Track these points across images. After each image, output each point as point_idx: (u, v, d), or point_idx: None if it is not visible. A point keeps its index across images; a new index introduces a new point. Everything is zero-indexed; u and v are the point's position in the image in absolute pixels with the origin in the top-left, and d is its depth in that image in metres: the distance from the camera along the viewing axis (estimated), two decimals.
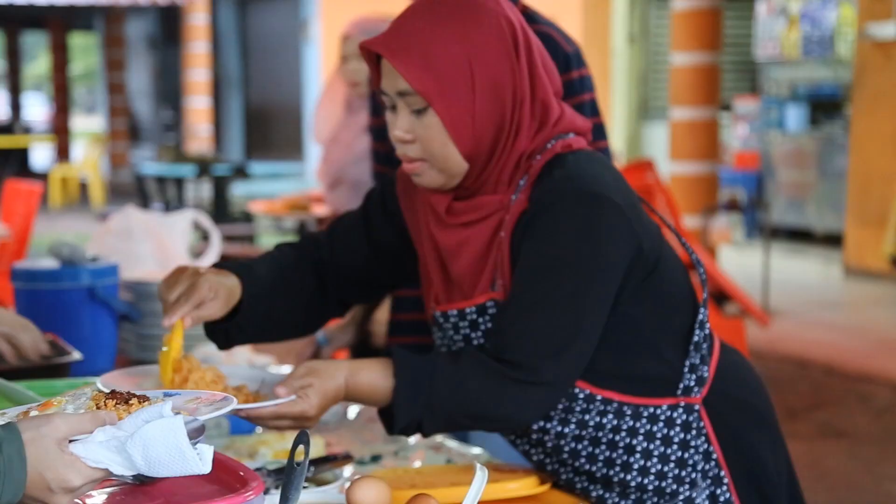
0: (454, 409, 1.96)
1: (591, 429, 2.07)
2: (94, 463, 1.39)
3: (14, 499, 1.33)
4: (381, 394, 1.97)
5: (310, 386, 1.95)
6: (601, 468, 2.08)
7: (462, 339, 2.06)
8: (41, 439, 1.35)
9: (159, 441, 1.41)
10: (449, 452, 2.48)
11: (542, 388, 1.96)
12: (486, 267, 2.02)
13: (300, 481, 1.58)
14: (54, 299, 3.07)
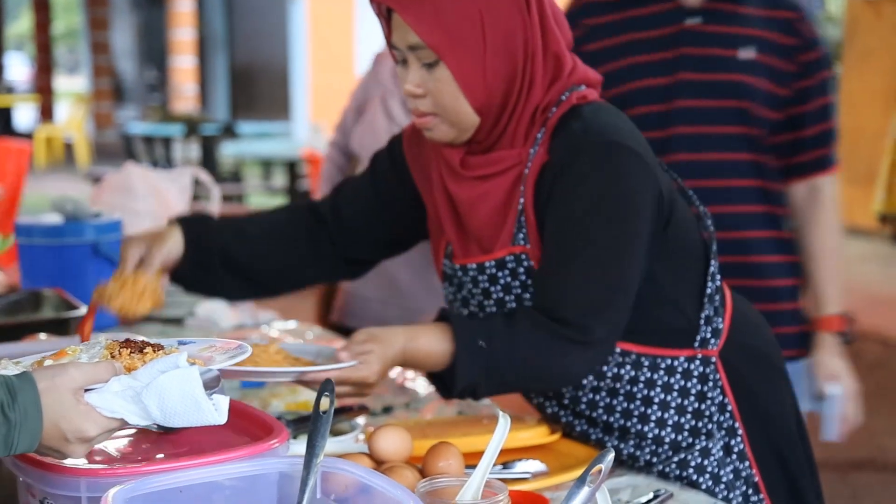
0: (511, 370, 1.96)
1: (609, 380, 2.08)
2: (109, 413, 1.39)
3: (30, 448, 1.33)
4: (439, 358, 1.96)
5: (370, 352, 1.95)
6: (618, 419, 2.10)
7: (481, 292, 2.06)
8: (56, 389, 1.35)
9: (175, 391, 1.41)
10: (460, 405, 2.49)
11: (595, 347, 1.97)
12: (507, 221, 2.02)
13: (326, 429, 1.58)
14: (58, 255, 3.07)
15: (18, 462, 1.57)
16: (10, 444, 1.30)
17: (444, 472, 1.76)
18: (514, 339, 1.94)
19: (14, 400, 1.30)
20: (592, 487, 1.38)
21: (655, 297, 2.04)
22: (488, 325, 1.96)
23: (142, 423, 1.41)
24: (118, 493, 1.43)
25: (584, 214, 1.94)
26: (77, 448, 1.37)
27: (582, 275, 1.94)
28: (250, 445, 1.62)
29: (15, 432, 1.30)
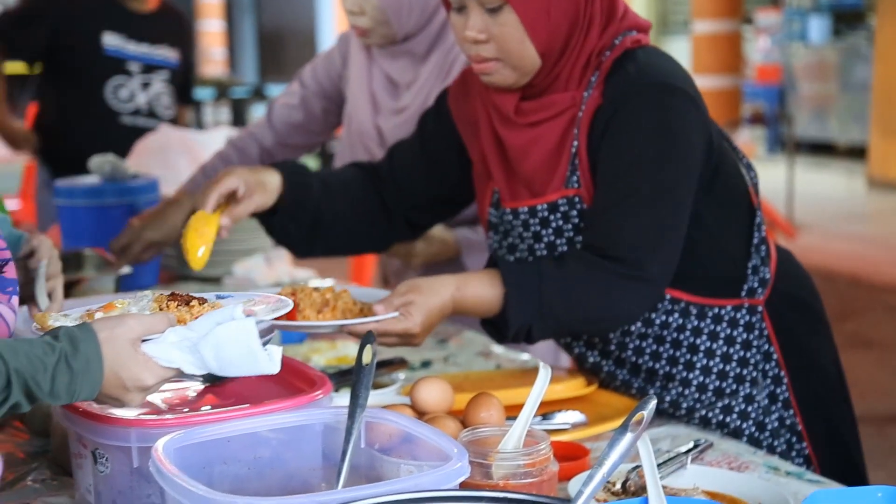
0: (565, 310, 1.95)
1: (656, 327, 2.09)
2: (166, 362, 1.42)
3: (90, 396, 1.36)
4: (490, 303, 1.96)
5: (411, 303, 1.94)
6: (663, 366, 2.11)
7: (531, 236, 2.07)
8: (116, 339, 1.38)
9: (231, 342, 1.43)
10: (498, 358, 2.51)
11: (649, 284, 1.96)
12: (559, 164, 2.03)
13: (369, 380, 1.60)
14: (97, 216, 3.10)
15: (70, 414, 1.60)
16: (72, 392, 1.33)
17: (485, 422, 1.78)
18: (566, 279, 1.94)
19: (76, 350, 1.33)
20: (634, 434, 1.39)
21: (705, 245, 2.04)
22: (539, 266, 1.97)
23: (197, 372, 1.44)
24: (168, 443, 1.46)
25: (636, 154, 1.94)
26: (135, 396, 1.40)
27: (634, 212, 1.94)
28: (295, 397, 1.64)
29: (77, 381, 1.33)
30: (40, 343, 1.32)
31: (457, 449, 1.46)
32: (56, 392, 1.31)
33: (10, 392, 1.27)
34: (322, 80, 3.03)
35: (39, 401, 1.31)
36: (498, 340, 2.02)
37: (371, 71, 2.89)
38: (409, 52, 2.79)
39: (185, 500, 1.33)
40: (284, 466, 1.61)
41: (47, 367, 1.30)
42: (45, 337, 1.34)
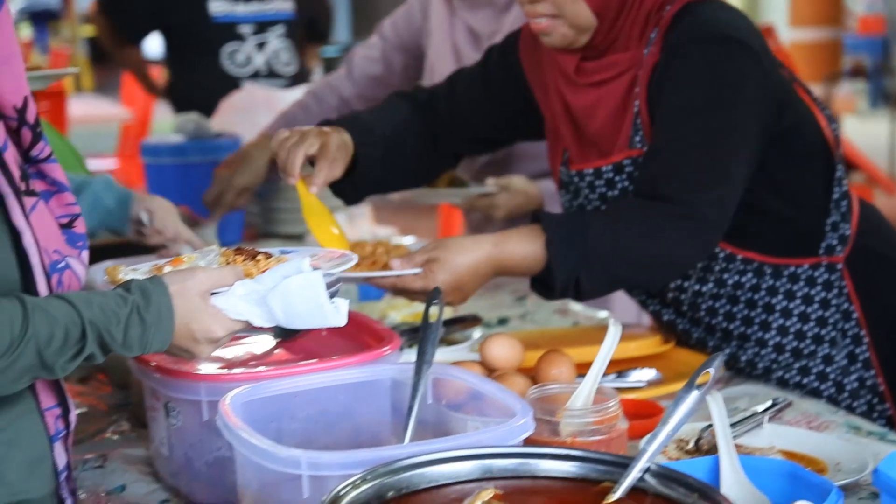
0: (613, 257, 1.87)
1: (729, 287, 2.05)
2: (235, 315, 1.43)
3: (162, 348, 1.38)
4: (534, 259, 1.88)
5: (435, 261, 1.89)
6: (738, 326, 2.07)
7: (598, 198, 2.04)
8: (186, 292, 1.39)
9: (299, 295, 1.44)
10: (576, 316, 2.49)
11: (701, 225, 1.89)
12: (623, 125, 1.99)
13: (436, 336, 1.60)
14: (181, 173, 3.14)
15: (143, 368, 1.63)
16: (145, 344, 1.35)
17: (555, 379, 1.77)
18: (612, 224, 1.87)
19: (148, 302, 1.35)
20: (700, 392, 1.36)
21: (777, 203, 1.99)
22: (582, 215, 1.92)
23: (265, 325, 1.45)
24: (235, 397, 1.47)
25: (688, 101, 1.89)
26: (205, 348, 1.42)
27: (685, 154, 1.88)
28: (363, 352, 1.65)
29: (149, 333, 1.35)
30: (113, 295, 1.34)
31: (521, 406, 1.45)
32: (129, 343, 1.33)
33: (86, 343, 1.29)
34: (402, 34, 3.03)
35: (113, 352, 1.33)
36: (547, 297, 1.94)
37: (453, 23, 2.87)
38: (490, 3, 2.77)
39: (250, 454, 1.35)
40: (353, 421, 1.61)
41: (120, 318, 1.32)
42: (118, 289, 1.35)
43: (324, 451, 1.33)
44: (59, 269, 1.37)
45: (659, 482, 1.27)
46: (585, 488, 1.30)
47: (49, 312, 1.27)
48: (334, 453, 1.32)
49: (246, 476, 1.40)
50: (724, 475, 1.52)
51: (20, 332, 1.24)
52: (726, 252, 2.01)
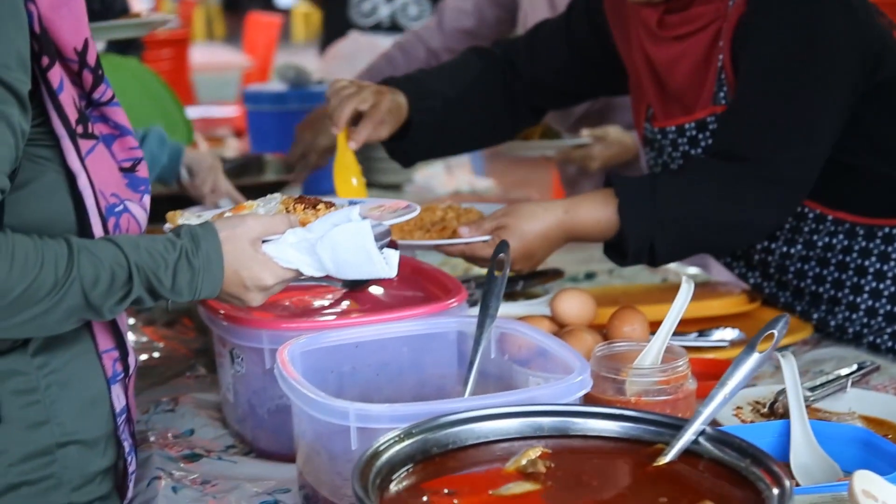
0: (687, 220, 1.83)
1: (819, 249, 1.97)
2: (285, 263, 1.42)
3: (212, 294, 1.38)
4: (606, 223, 1.85)
5: (504, 228, 1.86)
6: (828, 290, 1.99)
7: (681, 156, 1.97)
8: (236, 239, 1.39)
9: (347, 244, 1.42)
10: (666, 272, 2.43)
11: (781, 187, 1.82)
12: (707, 80, 1.92)
13: (500, 290, 1.57)
14: (281, 121, 3.16)
15: (210, 314, 1.64)
16: (194, 289, 1.35)
17: (627, 336, 1.73)
18: (686, 187, 1.81)
19: (197, 248, 1.35)
20: (762, 355, 1.31)
21: (870, 161, 1.90)
22: (655, 178, 1.86)
23: (316, 273, 1.44)
24: (294, 346, 1.47)
25: (775, 55, 1.81)
26: (255, 296, 1.42)
27: (768, 111, 1.80)
28: (429, 304, 1.63)
29: (199, 278, 1.35)
30: (162, 240, 1.34)
31: (580, 363, 1.42)
32: (178, 288, 1.34)
33: (132, 286, 1.30)
34: None
35: (162, 297, 1.34)
36: (620, 264, 1.90)
37: None
38: None
39: (302, 404, 1.35)
40: (418, 374, 1.60)
41: (168, 263, 1.32)
42: (168, 234, 1.36)
43: (373, 404, 1.31)
44: (116, 213, 1.38)
45: (713, 446, 1.23)
46: (637, 449, 1.26)
47: (95, 254, 1.28)
48: (383, 406, 1.31)
49: (301, 426, 1.40)
50: (795, 440, 1.47)
51: (65, 273, 1.25)
52: (816, 212, 1.93)
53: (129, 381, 1.46)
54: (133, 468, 1.46)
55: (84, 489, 1.39)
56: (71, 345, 1.38)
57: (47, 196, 1.32)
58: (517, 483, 1.20)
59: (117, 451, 1.44)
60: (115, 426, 1.42)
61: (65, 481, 1.37)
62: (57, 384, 1.36)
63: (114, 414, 1.42)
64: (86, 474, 1.39)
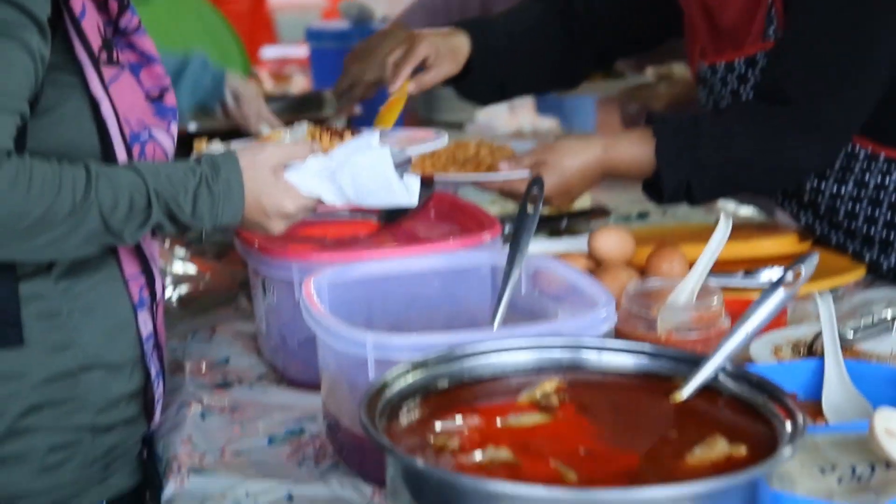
0: (725, 163, 1.81)
1: (871, 189, 1.91)
2: (307, 191, 1.42)
3: (233, 221, 1.38)
4: (644, 162, 1.83)
5: (544, 164, 1.84)
6: (880, 231, 1.94)
7: (729, 94, 1.92)
8: (257, 166, 1.38)
9: (367, 171, 1.41)
10: (719, 212, 2.39)
11: (824, 132, 1.79)
12: (757, 15, 1.86)
13: (532, 225, 1.55)
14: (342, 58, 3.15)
15: (245, 247, 1.65)
16: (215, 216, 1.35)
17: (666, 274, 1.70)
18: (725, 130, 1.79)
19: (217, 174, 1.35)
20: (788, 292, 1.27)
21: None
22: (696, 120, 1.83)
23: (337, 201, 1.43)
24: (321, 278, 1.47)
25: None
26: (277, 223, 1.41)
27: (815, 51, 1.76)
28: (461, 238, 1.62)
29: (219, 205, 1.35)
30: (182, 167, 1.34)
31: (606, 298, 1.40)
32: (199, 215, 1.34)
33: (152, 212, 1.30)
34: None
35: (183, 223, 1.34)
36: (657, 202, 1.89)
37: None
38: None
39: (322, 334, 1.35)
40: (449, 307, 1.59)
41: (188, 189, 1.33)
42: (189, 161, 1.36)
43: (392, 334, 1.31)
44: (141, 141, 1.39)
45: (733, 382, 1.21)
46: (656, 385, 1.24)
47: (114, 180, 1.28)
48: (401, 336, 1.30)
49: (325, 357, 1.41)
50: (828, 378, 1.44)
51: (83, 197, 1.26)
52: (867, 151, 1.87)
53: (158, 307, 1.47)
54: (160, 393, 1.48)
55: (108, 412, 1.41)
56: (96, 270, 1.39)
57: (70, 122, 1.33)
58: (529, 414, 1.19)
59: (145, 377, 1.46)
60: (141, 352, 1.44)
61: (88, 404, 1.39)
62: (80, 309, 1.38)
63: (140, 340, 1.44)
64: (110, 398, 1.41)
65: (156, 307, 1.46)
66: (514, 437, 1.14)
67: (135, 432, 1.47)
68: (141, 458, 1.50)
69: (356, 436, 1.33)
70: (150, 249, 1.45)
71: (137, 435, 1.48)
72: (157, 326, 1.47)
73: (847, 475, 1.18)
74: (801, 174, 1.89)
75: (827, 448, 1.23)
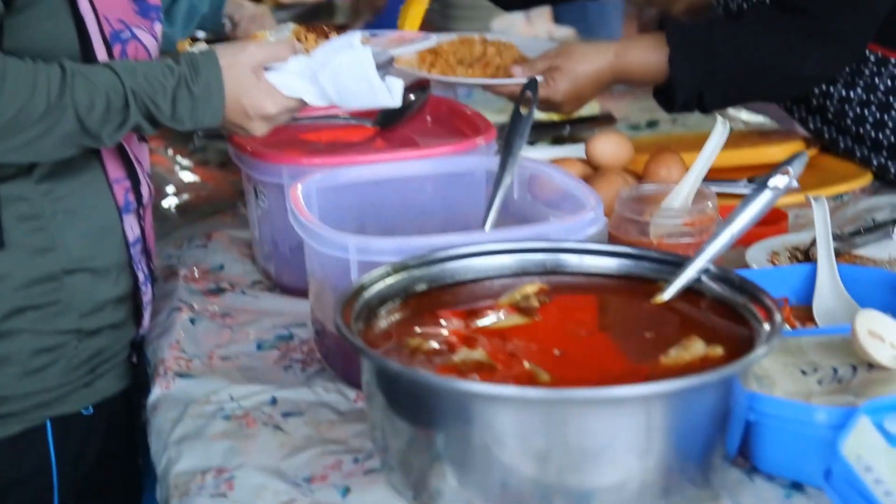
0: (737, 71, 1.78)
1: (880, 93, 1.87)
2: (288, 92, 1.40)
3: (214, 122, 1.36)
4: (656, 69, 1.81)
5: (557, 69, 1.82)
6: (888, 136, 1.90)
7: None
8: (238, 66, 1.36)
9: (348, 71, 1.39)
10: (732, 121, 2.34)
11: (839, 42, 1.76)
12: None
13: (525, 130, 1.52)
14: None
15: (236, 152, 1.64)
16: (195, 117, 1.34)
17: (664, 180, 1.68)
18: (739, 37, 1.75)
19: (197, 74, 1.33)
20: (775, 192, 1.25)
21: None
22: (709, 26, 1.79)
23: (319, 103, 1.41)
24: (309, 182, 1.46)
25: None
26: (258, 125, 1.39)
27: None
28: (455, 142, 1.60)
29: (199, 106, 1.33)
30: (160, 66, 1.32)
31: (593, 201, 1.37)
32: (178, 116, 1.32)
33: (129, 113, 1.29)
34: None
35: (162, 125, 1.32)
36: (668, 110, 1.86)
37: None
38: None
39: (307, 237, 1.34)
40: (442, 213, 1.58)
41: (167, 89, 1.31)
42: (167, 60, 1.34)
43: (374, 237, 1.30)
44: (122, 40, 1.36)
45: (717, 284, 1.19)
46: (638, 287, 1.23)
47: (90, 79, 1.26)
48: (383, 239, 1.29)
49: (311, 262, 1.40)
50: (820, 283, 1.42)
51: (58, 97, 1.24)
52: (878, 55, 1.83)
53: (145, 211, 1.47)
54: (149, 299, 1.48)
55: (94, 316, 1.41)
56: (79, 173, 1.38)
57: (48, 20, 1.30)
58: (508, 316, 1.19)
59: (132, 282, 1.46)
60: (128, 256, 1.44)
61: (73, 307, 1.39)
62: (63, 211, 1.37)
63: (127, 244, 1.43)
64: (96, 302, 1.41)
65: (143, 212, 1.46)
66: (491, 339, 1.14)
67: (122, 337, 1.47)
68: (130, 362, 1.51)
69: (341, 340, 1.33)
70: (135, 153, 1.44)
71: (125, 340, 1.48)
72: (145, 231, 1.47)
73: (828, 376, 1.17)
74: (814, 82, 1.86)
75: (812, 350, 1.22)
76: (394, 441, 1.08)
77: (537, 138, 2.08)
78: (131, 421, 1.54)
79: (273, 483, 1.14)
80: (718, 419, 1.04)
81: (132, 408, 1.52)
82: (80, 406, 1.44)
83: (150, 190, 1.48)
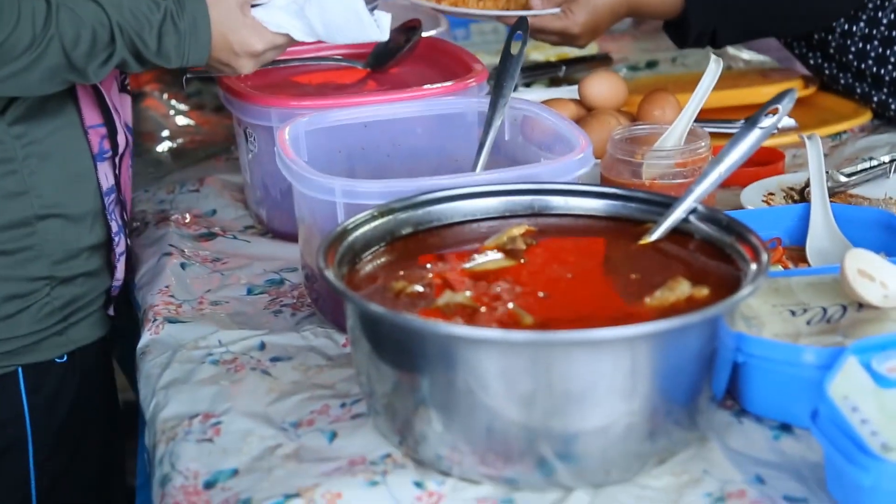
0: (753, 10, 1.79)
1: (883, 28, 1.84)
2: (275, 28, 1.38)
3: (200, 60, 1.35)
4: (672, 4, 1.80)
5: (575, 1, 1.81)
6: (890, 71, 1.87)
7: None
8: (223, 2, 1.34)
9: (336, 6, 1.37)
10: (731, 59, 2.31)
11: None
12: None
13: (515, 70, 1.50)
14: None
15: (226, 94, 1.62)
16: (182, 54, 1.32)
17: (658, 121, 1.66)
18: None
19: (182, 10, 1.31)
20: (764, 130, 1.23)
21: None
22: None
23: (306, 38, 1.40)
24: (297, 125, 1.44)
25: None
26: (245, 62, 1.38)
27: None
28: (447, 84, 1.58)
29: (185, 42, 1.32)
30: (146, 1, 1.30)
31: (583, 141, 1.36)
32: (164, 52, 1.30)
33: (115, 48, 1.27)
34: None
35: (148, 61, 1.31)
36: (679, 45, 1.86)
37: None
38: None
39: (293, 180, 1.32)
40: (434, 155, 1.56)
41: (153, 24, 1.29)
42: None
43: (360, 180, 1.29)
44: None
45: (705, 225, 1.18)
46: (627, 229, 1.22)
47: (76, 12, 1.24)
48: (370, 182, 1.28)
49: (300, 206, 1.39)
50: (814, 222, 1.41)
51: (42, 29, 1.22)
52: None
53: (122, 160, 1.45)
54: (122, 249, 1.46)
55: (67, 263, 1.40)
56: (53, 117, 1.36)
57: None
58: (494, 259, 1.18)
59: (107, 231, 1.44)
60: (102, 205, 1.42)
61: (45, 253, 1.37)
62: (36, 155, 1.35)
63: (101, 192, 1.42)
64: (69, 249, 1.40)
65: (119, 161, 1.44)
66: (477, 281, 1.13)
67: (97, 286, 1.46)
68: (105, 311, 1.50)
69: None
70: (114, 101, 1.42)
71: (100, 289, 1.46)
72: (120, 181, 1.45)
73: (817, 316, 1.16)
74: (829, 19, 1.86)
75: (801, 291, 1.21)
76: (379, 386, 1.07)
77: (533, 80, 2.05)
78: (108, 371, 1.53)
79: (260, 428, 1.14)
80: (704, 361, 1.03)
81: (109, 357, 1.51)
82: (54, 354, 1.43)
83: (128, 140, 1.46)
